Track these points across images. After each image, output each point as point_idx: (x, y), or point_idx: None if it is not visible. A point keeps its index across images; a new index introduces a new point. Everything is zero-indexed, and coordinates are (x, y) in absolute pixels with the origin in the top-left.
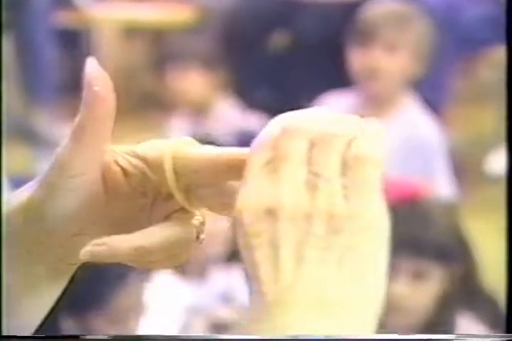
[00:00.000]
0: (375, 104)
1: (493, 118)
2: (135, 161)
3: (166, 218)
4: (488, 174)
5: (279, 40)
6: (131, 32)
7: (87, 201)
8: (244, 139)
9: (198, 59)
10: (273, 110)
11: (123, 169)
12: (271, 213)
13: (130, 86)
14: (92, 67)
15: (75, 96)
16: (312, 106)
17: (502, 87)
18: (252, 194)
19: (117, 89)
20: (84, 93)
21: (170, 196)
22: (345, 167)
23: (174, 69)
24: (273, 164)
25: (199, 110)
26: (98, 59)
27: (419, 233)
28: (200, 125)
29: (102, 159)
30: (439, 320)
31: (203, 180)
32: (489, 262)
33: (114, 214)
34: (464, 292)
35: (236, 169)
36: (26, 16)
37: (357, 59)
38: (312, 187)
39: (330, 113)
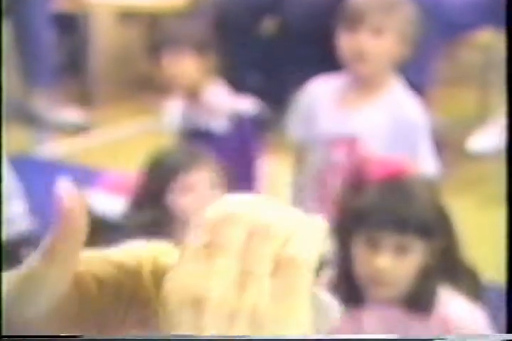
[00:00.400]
0: (363, 86)
1: (475, 100)
2: (110, 269)
3: (141, 324)
4: (470, 152)
5: (269, 25)
6: (127, 17)
7: (60, 306)
8: (236, 123)
9: (191, 43)
10: (263, 93)
11: (97, 278)
12: (196, 303)
13: (126, 69)
14: (64, 188)
15: (72, 79)
16: (301, 89)
17: (484, 69)
18: (181, 279)
19: (113, 73)
20: (56, 214)
21: (147, 302)
22: (277, 266)
23: (168, 53)
24: (209, 249)
25: (192, 93)
26: (95, 43)
27: (403, 209)
28: (192, 108)
29: (72, 272)
30: (421, 291)
31: None
32: (469, 236)
33: (87, 317)
34: (445, 265)
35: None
36: (25, 2)
37: (345, 42)
38: (242, 283)
39: (275, 203)
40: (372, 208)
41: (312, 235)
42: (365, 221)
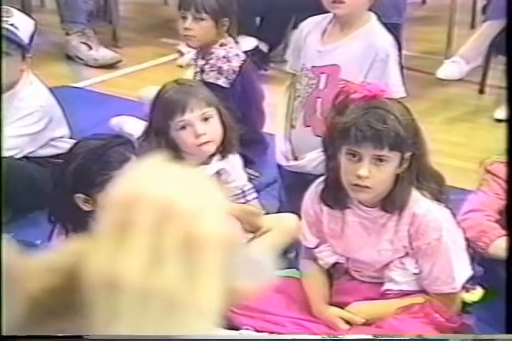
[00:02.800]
0: (343, 24)
1: (443, 37)
2: (54, 277)
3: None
4: (439, 80)
5: None
6: None
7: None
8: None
9: (210, 12)
10: (262, 35)
11: (48, 289)
12: (111, 285)
13: (150, 17)
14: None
15: (102, 23)
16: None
17: (449, 10)
18: (96, 261)
19: (138, 19)
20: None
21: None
22: (186, 245)
23: (190, 16)
24: (123, 229)
25: (205, 50)
26: None
27: (379, 125)
28: (202, 61)
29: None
30: (395, 195)
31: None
32: (434, 148)
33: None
34: (415, 171)
35: None
36: None
37: None
38: (154, 263)
39: (179, 175)
40: (353, 125)
41: (215, 210)
42: (348, 136)
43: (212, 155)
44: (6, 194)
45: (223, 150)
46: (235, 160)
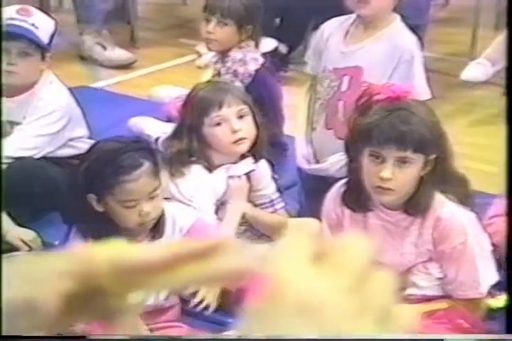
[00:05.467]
0: (367, 25)
1: (467, 39)
2: (71, 282)
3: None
4: (463, 82)
5: None
6: None
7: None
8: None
9: (234, 18)
10: (281, 36)
11: (62, 295)
12: (306, 311)
13: (168, 17)
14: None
15: (120, 23)
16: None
17: (473, 11)
18: (293, 284)
19: (156, 19)
20: None
21: (104, 295)
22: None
23: (214, 20)
24: (325, 263)
25: (224, 53)
26: None
27: (403, 127)
28: (221, 64)
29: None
30: (418, 197)
31: (140, 279)
32: (459, 151)
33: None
34: (439, 175)
35: (167, 267)
36: None
37: None
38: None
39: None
40: (376, 126)
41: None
42: (371, 137)
43: (243, 156)
44: (24, 194)
45: (255, 151)
46: (264, 168)
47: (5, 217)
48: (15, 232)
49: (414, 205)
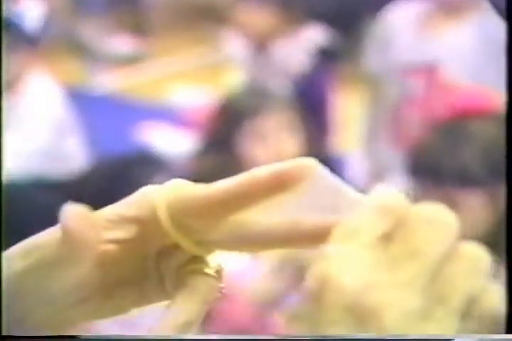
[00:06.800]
0: (448, 11)
1: None
2: (127, 227)
3: (180, 271)
4: None
5: None
6: None
7: (81, 278)
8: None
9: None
10: (335, 21)
11: (115, 242)
12: (361, 316)
13: None
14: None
15: (124, 6)
16: (376, 16)
17: None
18: (348, 276)
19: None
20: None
21: (176, 246)
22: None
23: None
24: (395, 248)
25: (260, 45)
26: None
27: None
28: (258, 62)
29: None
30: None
31: (206, 220)
32: None
33: (113, 280)
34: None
35: (235, 202)
36: None
37: None
38: (427, 311)
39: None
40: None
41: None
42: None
43: None
44: (9, 222)
45: None
46: None
47: None
48: None
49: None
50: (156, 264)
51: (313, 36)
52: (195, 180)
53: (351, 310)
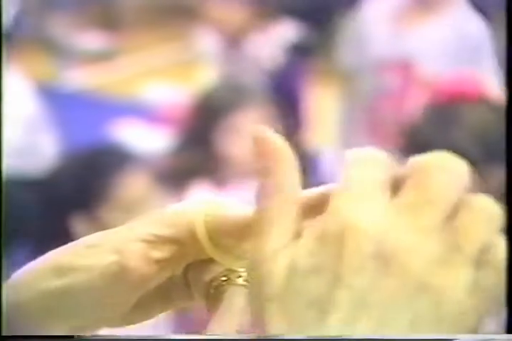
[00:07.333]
0: (423, 5)
1: None
2: (166, 248)
3: (213, 282)
4: None
5: None
6: None
7: (119, 298)
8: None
9: None
10: (308, 16)
11: (154, 262)
12: (382, 260)
13: None
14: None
15: (91, 5)
16: (349, 10)
17: None
18: (367, 222)
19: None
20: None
21: (210, 260)
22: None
23: None
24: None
25: (232, 40)
26: None
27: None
28: (230, 56)
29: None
30: None
31: (245, 239)
32: None
33: (145, 291)
34: None
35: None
36: None
37: None
38: (445, 258)
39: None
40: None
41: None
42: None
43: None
44: None
45: None
46: None
47: None
48: None
49: None
50: (184, 271)
51: (286, 31)
52: (172, 177)
53: (375, 256)
